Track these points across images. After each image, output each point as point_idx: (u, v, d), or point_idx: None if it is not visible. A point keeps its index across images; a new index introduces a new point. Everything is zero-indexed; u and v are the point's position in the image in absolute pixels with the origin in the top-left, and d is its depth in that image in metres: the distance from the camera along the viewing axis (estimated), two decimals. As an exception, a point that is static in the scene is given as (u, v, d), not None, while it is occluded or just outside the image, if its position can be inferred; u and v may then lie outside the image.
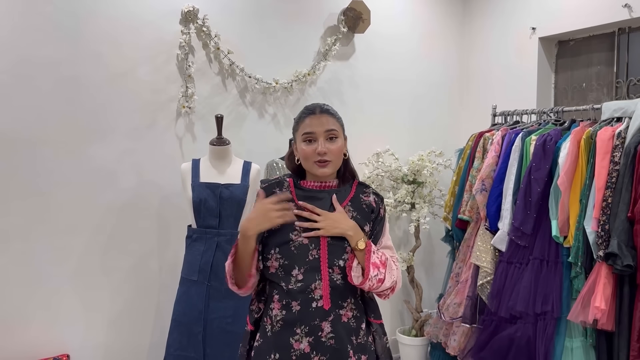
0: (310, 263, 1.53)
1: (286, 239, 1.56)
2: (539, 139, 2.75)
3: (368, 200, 1.66)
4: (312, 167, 1.60)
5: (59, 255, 2.68)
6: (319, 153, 1.57)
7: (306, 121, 1.60)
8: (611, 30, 3.34)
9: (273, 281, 1.58)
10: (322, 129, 1.58)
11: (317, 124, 1.58)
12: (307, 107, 1.64)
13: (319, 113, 1.60)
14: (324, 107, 1.63)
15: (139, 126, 2.86)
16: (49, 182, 2.64)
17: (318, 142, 1.58)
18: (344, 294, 1.55)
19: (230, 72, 3.12)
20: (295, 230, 1.56)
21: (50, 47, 2.62)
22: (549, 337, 2.61)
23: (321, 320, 1.51)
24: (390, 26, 3.72)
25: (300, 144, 1.61)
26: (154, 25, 2.87)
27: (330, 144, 1.59)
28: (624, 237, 2.34)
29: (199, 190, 2.54)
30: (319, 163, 1.58)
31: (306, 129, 1.59)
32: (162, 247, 2.94)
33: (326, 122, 1.59)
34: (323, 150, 1.57)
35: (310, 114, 1.61)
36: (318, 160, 1.58)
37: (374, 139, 3.64)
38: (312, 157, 1.58)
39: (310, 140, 1.59)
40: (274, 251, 1.56)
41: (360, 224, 1.60)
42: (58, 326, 2.68)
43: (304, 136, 1.59)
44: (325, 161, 1.58)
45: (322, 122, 1.59)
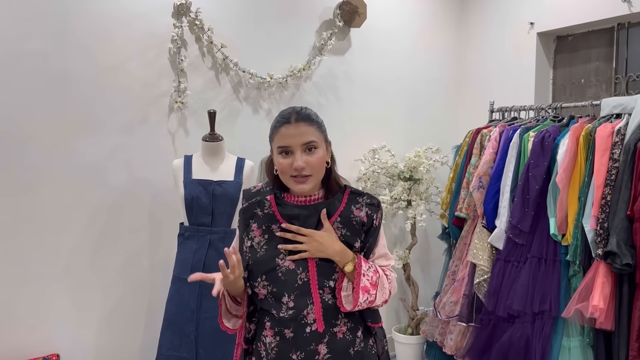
0: (300, 288, 1.43)
1: (272, 266, 1.45)
2: (537, 136, 2.72)
3: (359, 216, 1.50)
4: (289, 182, 1.45)
5: (48, 254, 2.63)
6: (296, 168, 1.41)
7: (281, 131, 1.43)
8: (610, 26, 3.30)
9: (263, 308, 1.49)
10: (299, 141, 1.41)
11: (293, 135, 1.41)
12: (281, 114, 1.47)
13: (295, 122, 1.42)
14: (301, 112, 1.45)
15: (130, 121, 2.81)
16: (37, 178, 2.59)
17: (295, 156, 1.42)
18: (336, 312, 1.46)
19: (223, 66, 3.06)
20: (281, 253, 1.46)
21: (38, 40, 2.56)
22: (547, 336, 2.58)
23: (317, 344, 1.43)
24: (387, 20, 3.67)
25: (276, 157, 1.46)
26: (145, 19, 2.81)
27: (309, 155, 1.43)
28: (623, 236, 2.30)
29: (191, 187, 2.49)
30: (297, 179, 1.43)
31: (281, 141, 1.43)
32: (153, 245, 2.90)
33: (304, 132, 1.42)
34: (300, 165, 1.41)
35: (285, 122, 1.43)
36: (295, 175, 1.43)
37: (370, 135, 3.60)
38: (288, 171, 1.43)
39: (286, 152, 1.43)
40: (261, 279, 1.45)
41: (350, 241, 1.49)
42: (48, 325, 2.64)
43: (279, 149, 1.44)
44: (304, 176, 1.43)
45: (299, 132, 1.41)
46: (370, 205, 1.53)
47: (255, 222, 1.51)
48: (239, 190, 2.53)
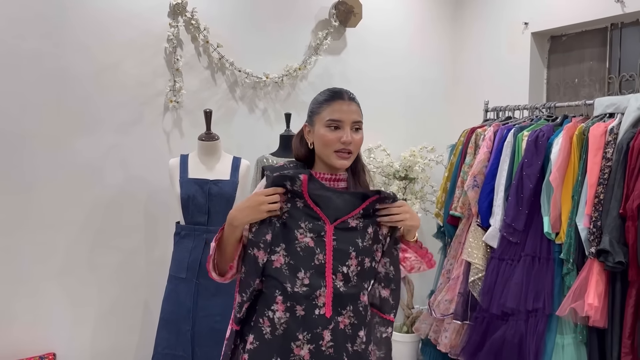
0: (316, 268, 1.45)
1: (291, 237, 1.46)
2: (531, 135, 2.73)
3: (381, 230, 1.58)
4: (331, 156, 1.49)
5: (44, 252, 2.63)
6: (345, 142, 1.47)
7: (334, 106, 1.48)
8: (603, 26, 3.33)
9: (276, 279, 1.47)
10: (350, 118, 1.48)
11: (347, 112, 1.48)
12: (333, 91, 1.53)
13: (348, 100, 1.50)
14: (351, 94, 1.53)
15: (126, 121, 2.81)
16: (33, 177, 2.59)
17: (344, 131, 1.47)
18: (344, 301, 1.48)
19: (219, 66, 3.07)
20: (301, 228, 1.47)
21: (34, 40, 2.56)
22: (540, 334, 2.60)
23: (323, 329, 1.45)
24: (382, 20, 3.68)
25: (321, 129, 1.49)
26: (141, 18, 2.81)
27: (355, 134, 1.50)
28: (615, 234, 2.32)
29: (187, 187, 2.49)
30: (341, 153, 1.48)
31: (334, 114, 1.47)
32: (149, 244, 2.90)
33: (355, 110, 1.50)
34: (349, 140, 1.47)
35: (338, 98, 1.49)
36: (340, 149, 1.48)
37: (365, 134, 3.58)
38: (334, 145, 1.47)
39: (335, 127, 1.47)
40: (281, 247, 1.47)
41: (367, 225, 1.53)
42: (44, 324, 2.64)
43: (328, 122, 1.47)
44: (348, 152, 1.49)
45: (351, 110, 1.49)
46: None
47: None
48: (235, 189, 2.54)
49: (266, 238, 1.48)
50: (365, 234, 1.52)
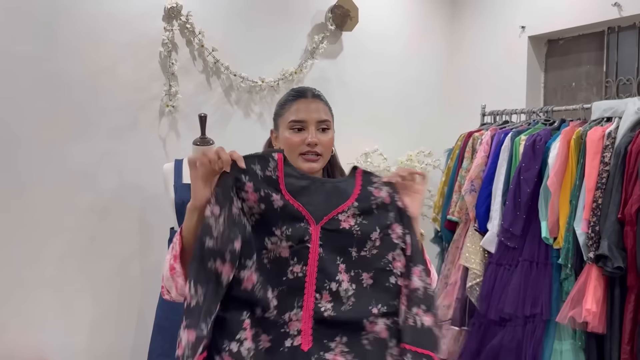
0: (289, 283, 1.14)
1: (259, 245, 1.17)
2: (529, 139, 2.72)
3: (380, 197, 1.27)
4: (297, 160, 1.33)
5: (37, 258, 2.60)
6: (309, 144, 1.32)
7: (295, 106, 1.36)
8: (601, 30, 3.32)
9: (243, 300, 1.13)
10: (315, 117, 1.35)
11: (309, 111, 1.35)
12: (295, 90, 1.41)
13: (312, 97, 1.37)
14: (315, 91, 1.40)
15: (120, 125, 2.79)
16: (26, 182, 2.57)
17: (308, 132, 1.33)
18: (332, 330, 1.12)
19: (215, 70, 3.05)
20: (275, 236, 1.18)
21: (29, 43, 2.55)
22: (538, 339, 2.58)
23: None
24: (379, 24, 3.67)
25: (284, 132, 1.36)
26: (136, 22, 2.80)
27: (322, 135, 1.35)
28: (614, 239, 2.31)
29: (181, 192, 2.47)
30: (307, 156, 1.33)
31: (295, 115, 1.35)
32: (144, 250, 2.87)
33: (320, 109, 1.37)
34: (314, 141, 1.32)
35: (300, 97, 1.37)
36: (306, 152, 1.33)
37: (362, 138, 3.60)
38: (298, 148, 1.33)
39: (299, 128, 1.34)
40: (252, 261, 1.15)
41: (367, 230, 1.23)
42: (36, 331, 2.61)
43: (291, 123, 1.35)
44: (315, 154, 1.34)
45: (315, 109, 1.36)
46: (389, 184, 1.32)
47: (251, 181, 1.21)
48: (230, 195, 2.51)
49: (234, 246, 1.11)
50: (367, 240, 1.21)
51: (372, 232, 1.23)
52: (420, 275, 1.19)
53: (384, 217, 1.25)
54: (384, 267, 1.21)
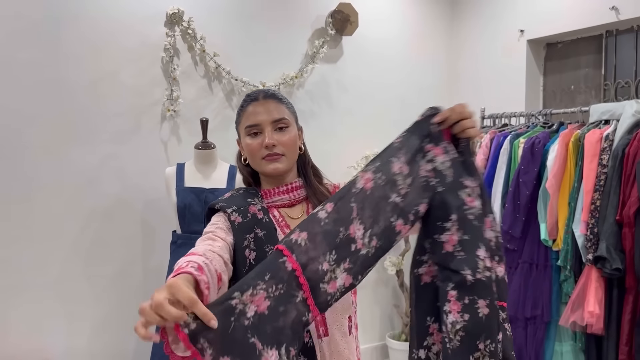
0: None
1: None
2: (528, 142, 2.74)
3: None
4: (261, 164, 1.31)
5: (40, 262, 2.62)
6: (267, 146, 1.29)
7: (248, 110, 1.32)
8: (599, 33, 3.34)
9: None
10: (269, 118, 1.30)
11: (262, 112, 1.31)
12: (248, 94, 1.36)
13: (263, 99, 1.32)
14: (269, 92, 1.35)
15: (122, 130, 2.82)
16: (30, 187, 2.59)
17: (264, 134, 1.30)
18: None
19: (216, 74, 3.08)
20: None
21: (31, 49, 2.57)
22: (539, 341, 2.59)
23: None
24: (379, 29, 3.70)
25: (244, 139, 1.33)
26: (138, 28, 2.82)
27: (280, 134, 1.31)
28: (612, 241, 2.33)
29: (183, 195, 2.50)
30: (269, 157, 1.30)
31: (249, 119, 1.31)
32: (146, 253, 2.89)
33: (273, 109, 1.32)
34: (271, 142, 1.29)
35: (252, 100, 1.33)
36: (267, 155, 1.30)
37: (362, 142, 3.62)
38: (259, 152, 1.30)
39: (255, 133, 1.31)
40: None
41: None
42: (40, 334, 2.62)
43: (247, 129, 1.31)
44: (276, 154, 1.30)
45: (268, 110, 1.31)
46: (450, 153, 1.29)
47: (251, 243, 1.26)
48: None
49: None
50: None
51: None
52: (492, 226, 1.15)
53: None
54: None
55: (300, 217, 1.35)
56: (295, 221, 1.32)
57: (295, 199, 1.37)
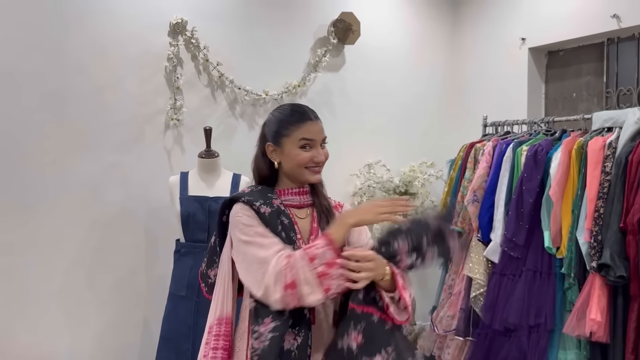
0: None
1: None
2: (530, 150, 2.74)
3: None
4: (305, 173, 1.56)
5: (43, 271, 2.63)
6: (319, 162, 1.56)
7: (305, 127, 1.54)
8: (600, 41, 3.35)
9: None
10: (320, 137, 1.57)
11: (317, 132, 1.56)
12: (299, 112, 1.58)
13: (315, 119, 1.57)
14: (315, 113, 1.60)
15: (126, 139, 2.83)
16: (33, 195, 2.60)
17: (316, 150, 1.55)
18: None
19: (219, 83, 3.09)
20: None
21: (36, 59, 2.59)
22: (543, 349, 2.58)
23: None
24: (380, 37, 3.72)
25: (293, 150, 1.54)
26: (141, 37, 2.84)
27: (324, 151, 1.59)
28: (616, 248, 2.32)
29: (187, 204, 2.50)
30: (314, 169, 1.56)
31: (306, 134, 1.54)
32: (149, 262, 2.89)
33: (322, 129, 1.58)
34: (323, 159, 1.57)
35: (308, 119, 1.56)
36: (312, 166, 1.55)
37: (365, 150, 3.62)
38: (307, 163, 1.55)
39: (307, 146, 1.54)
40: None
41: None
42: (43, 342, 2.63)
43: (302, 141, 1.54)
44: (320, 168, 1.58)
45: (320, 130, 1.57)
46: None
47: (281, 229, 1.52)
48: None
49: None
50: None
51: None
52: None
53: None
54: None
55: (305, 218, 1.59)
56: (302, 221, 1.57)
57: (303, 202, 1.60)
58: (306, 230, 1.57)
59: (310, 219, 1.59)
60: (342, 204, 1.71)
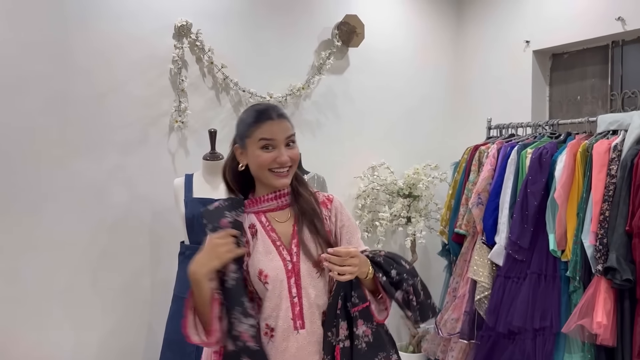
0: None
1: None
2: (535, 152, 2.74)
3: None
4: (269, 177, 1.46)
5: (48, 272, 2.63)
6: (282, 163, 1.44)
7: (264, 127, 1.44)
8: (605, 43, 3.35)
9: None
10: (283, 136, 1.45)
11: (278, 130, 1.45)
12: (259, 111, 1.47)
13: (277, 118, 1.46)
14: (279, 110, 1.49)
15: (131, 141, 2.83)
16: (38, 198, 2.60)
17: (279, 150, 1.44)
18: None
19: (224, 86, 3.10)
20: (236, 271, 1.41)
21: (41, 62, 2.60)
22: (548, 352, 2.57)
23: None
24: (385, 40, 3.72)
25: (255, 151, 1.45)
26: (146, 40, 2.85)
27: (290, 150, 1.47)
28: (622, 251, 2.31)
29: (192, 206, 2.50)
30: (278, 173, 1.45)
31: (265, 134, 1.44)
32: (154, 264, 2.90)
33: (285, 127, 1.47)
34: (286, 160, 1.45)
35: (267, 119, 1.45)
36: (276, 169, 1.45)
37: (369, 152, 3.62)
38: (269, 165, 1.45)
39: (268, 146, 1.44)
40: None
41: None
42: (48, 344, 2.63)
43: (261, 142, 1.44)
44: (287, 170, 1.46)
45: (282, 129, 1.46)
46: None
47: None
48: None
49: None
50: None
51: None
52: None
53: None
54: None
55: (286, 221, 1.51)
56: (281, 225, 1.50)
57: (282, 204, 1.52)
58: (287, 234, 1.49)
59: (292, 221, 1.51)
60: (331, 197, 1.59)
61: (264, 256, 1.46)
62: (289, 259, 1.46)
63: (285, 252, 1.47)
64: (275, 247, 1.47)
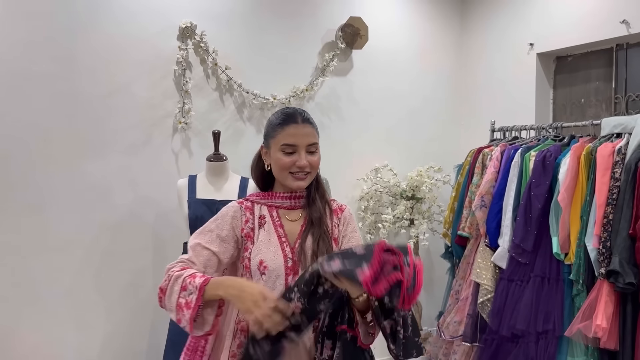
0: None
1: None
2: (539, 155, 2.73)
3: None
4: (287, 178, 1.50)
5: (52, 273, 2.64)
6: (301, 167, 1.48)
7: (287, 130, 1.48)
8: (609, 46, 3.34)
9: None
10: (305, 142, 1.49)
11: (300, 136, 1.48)
12: (286, 113, 1.51)
13: (302, 122, 1.49)
14: (304, 114, 1.52)
15: (135, 142, 2.84)
16: (43, 198, 2.62)
17: (299, 155, 1.48)
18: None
19: (227, 87, 3.11)
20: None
21: (46, 63, 2.61)
22: (551, 356, 2.56)
23: None
24: (388, 42, 3.72)
25: (276, 153, 1.49)
26: (151, 41, 2.86)
27: (311, 156, 1.50)
28: (625, 255, 2.30)
29: (195, 207, 2.51)
30: (297, 176, 1.49)
31: (287, 139, 1.48)
32: (157, 265, 2.90)
33: (309, 133, 1.50)
34: (305, 164, 1.48)
35: (292, 122, 1.49)
36: (296, 172, 1.49)
37: (372, 154, 3.62)
38: (289, 168, 1.48)
39: (290, 152, 1.48)
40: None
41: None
42: (51, 345, 2.63)
43: (283, 146, 1.48)
44: (305, 173, 1.50)
45: (305, 133, 1.49)
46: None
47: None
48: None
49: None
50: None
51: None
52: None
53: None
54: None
55: (296, 220, 1.54)
56: (291, 223, 1.54)
57: (295, 205, 1.56)
58: (294, 233, 1.52)
59: (302, 222, 1.54)
60: (343, 207, 1.62)
61: (267, 248, 1.49)
62: (290, 257, 1.49)
63: (288, 249, 1.50)
64: (280, 242, 1.50)
